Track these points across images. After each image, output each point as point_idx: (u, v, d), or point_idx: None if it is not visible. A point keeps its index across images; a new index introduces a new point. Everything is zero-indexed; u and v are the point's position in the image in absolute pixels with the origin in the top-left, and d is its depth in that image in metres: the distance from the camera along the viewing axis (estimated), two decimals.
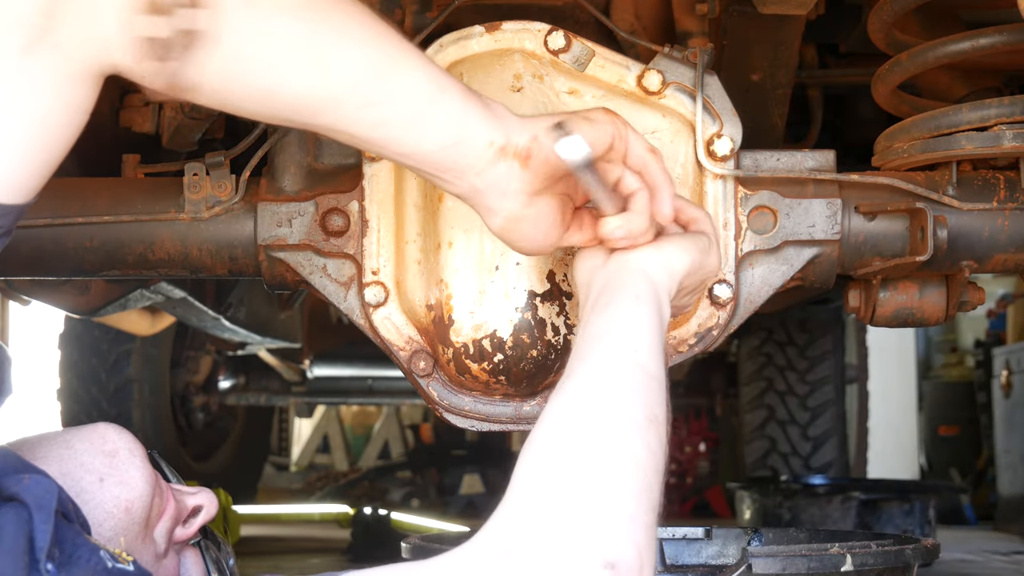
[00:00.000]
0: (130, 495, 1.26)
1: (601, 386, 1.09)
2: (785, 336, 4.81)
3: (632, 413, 1.07)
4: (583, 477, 1.02)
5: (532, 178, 1.16)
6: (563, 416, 1.08)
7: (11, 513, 0.99)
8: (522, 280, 1.65)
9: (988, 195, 1.74)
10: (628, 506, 1.02)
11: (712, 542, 2.03)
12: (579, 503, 1.01)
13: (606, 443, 1.04)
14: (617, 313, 1.15)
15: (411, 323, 1.72)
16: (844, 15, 2.12)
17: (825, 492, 4.19)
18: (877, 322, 1.88)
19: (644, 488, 1.04)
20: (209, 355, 5.14)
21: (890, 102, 1.88)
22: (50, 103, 0.95)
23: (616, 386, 1.09)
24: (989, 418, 6.42)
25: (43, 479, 1.05)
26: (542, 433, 1.08)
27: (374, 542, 4.41)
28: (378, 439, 9.66)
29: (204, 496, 1.39)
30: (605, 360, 1.11)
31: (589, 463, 1.03)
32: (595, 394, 1.09)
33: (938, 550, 1.80)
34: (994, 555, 4.74)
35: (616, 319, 1.15)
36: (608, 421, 1.06)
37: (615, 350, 1.12)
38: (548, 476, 1.04)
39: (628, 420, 1.07)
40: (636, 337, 1.13)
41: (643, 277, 1.18)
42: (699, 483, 7.04)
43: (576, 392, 1.10)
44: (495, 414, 1.73)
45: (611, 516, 1.01)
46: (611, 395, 1.08)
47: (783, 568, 1.61)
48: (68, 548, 1.01)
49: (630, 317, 1.15)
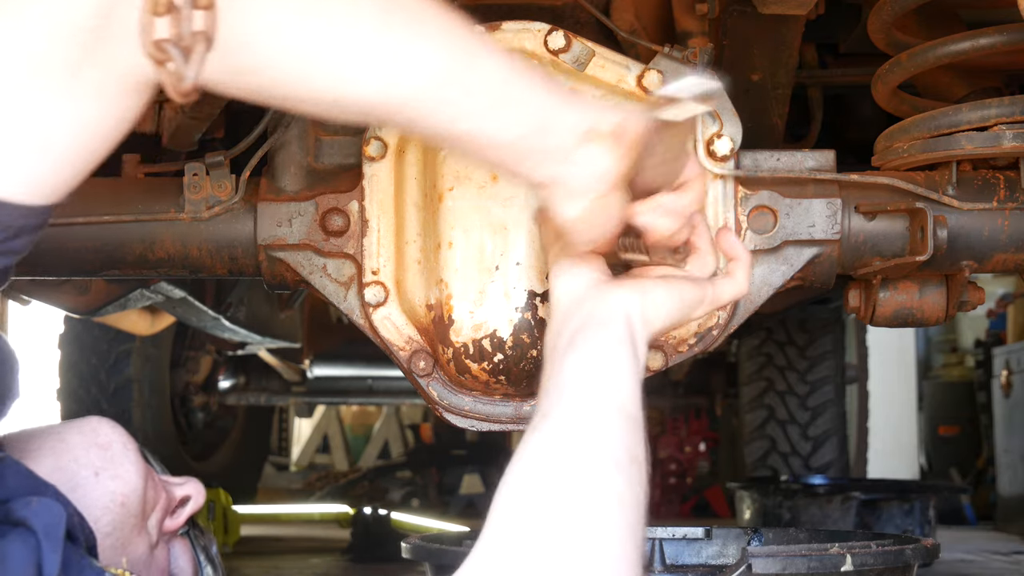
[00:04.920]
0: (125, 489, 1.26)
1: (582, 426, 1.06)
2: (785, 336, 4.81)
3: (614, 453, 1.04)
4: (567, 516, 0.99)
5: (622, 160, 1.11)
6: (543, 455, 1.04)
7: (19, 541, 0.98)
8: (522, 280, 1.65)
9: (988, 195, 1.74)
10: (614, 547, 0.99)
11: (712, 542, 2.03)
12: (564, 543, 0.98)
13: (589, 482, 1.01)
14: (596, 355, 1.11)
15: (411, 323, 1.72)
16: (844, 15, 2.12)
17: (825, 492, 4.19)
18: (877, 322, 1.88)
19: (628, 527, 1.01)
20: (209, 355, 5.14)
21: (890, 102, 1.88)
22: (95, 113, 0.94)
23: (597, 427, 1.06)
24: (989, 418, 6.42)
25: (52, 504, 1.03)
26: (521, 472, 1.04)
27: (374, 542, 4.40)
28: (378, 439, 9.66)
29: (192, 486, 1.39)
30: (585, 402, 1.08)
31: (573, 502, 1.00)
32: (576, 434, 1.05)
33: (938, 550, 1.80)
34: (994, 555, 4.74)
35: (595, 361, 1.11)
36: (591, 460, 1.03)
37: (595, 392, 1.09)
38: (531, 515, 1.00)
39: (610, 460, 1.04)
40: (616, 380, 1.10)
41: (623, 320, 1.14)
42: (699, 483, 7.04)
43: (556, 431, 1.06)
44: (495, 414, 1.73)
45: (598, 557, 0.98)
46: (592, 435, 1.05)
47: (783, 568, 1.60)
48: (74, 574, 1.01)
49: (610, 360, 1.11)
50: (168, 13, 0.83)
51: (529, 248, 1.65)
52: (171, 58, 0.82)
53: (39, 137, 0.92)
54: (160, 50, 0.82)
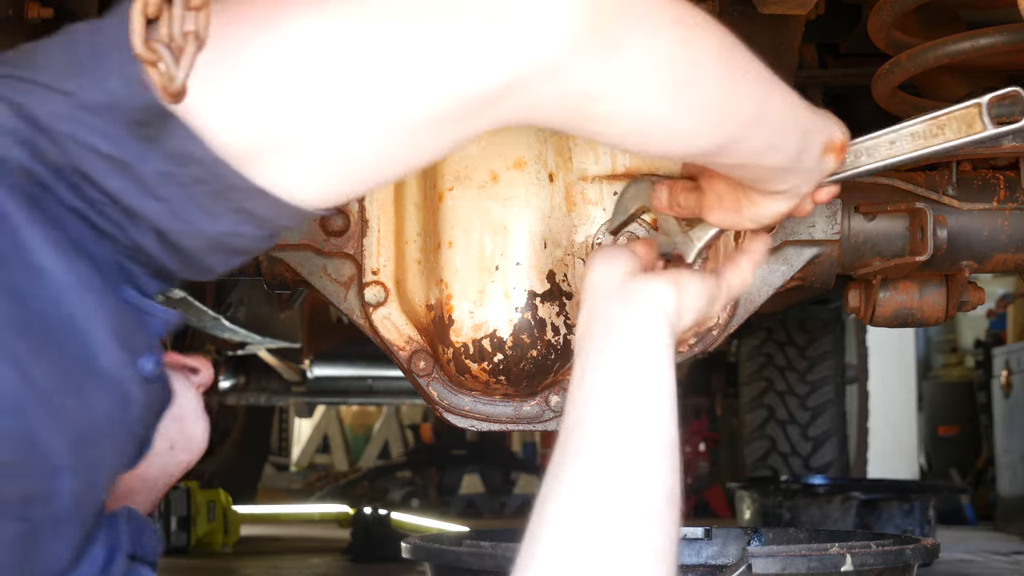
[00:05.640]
0: (191, 458, 1.24)
1: (624, 470, 0.98)
2: (785, 336, 4.80)
3: (655, 502, 0.98)
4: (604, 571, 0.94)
5: (836, 167, 1.14)
6: (581, 503, 0.97)
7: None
8: (522, 280, 1.65)
9: (988, 195, 1.74)
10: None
11: (712, 542, 2.04)
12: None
13: (628, 539, 0.95)
14: (639, 367, 1.02)
15: (411, 323, 1.72)
16: (844, 15, 2.12)
17: (825, 492, 4.19)
18: (877, 322, 1.88)
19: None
20: (209, 355, 5.14)
21: (890, 102, 1.88)
22: (411, 148, 0.91)
23: (639, 470, 0.98)
24: (989, 418, 6.42)
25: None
26: (557, 518, 0.97)
27: (374, 542, 4.41)
28: (378, 439, 9.67)
29: (200, 361, 1.33)
30: (626, 434, 1.00)
31: (609, 559, 0.94)
32: (617, 481, 0.97)
33: (938, 550, 1.80)
34: (994, 555, 4.74)
35: (638, 376, 1.02)
36: (631, 513, 0.97)
37: (640, 418, 1.00)
38: (566, 565, 0.95)
39: (651, 510, 0.97)
40: (661, 399, 1.01)
41: (664, 320, 1.06)
42: (699, 483, 7.04)
43: (594, 474, 0.98)
44: (495, 414, 1.73)
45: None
46: (634, 482, 0.98)
47: (783, 568, 1.61)
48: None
49: (654, 375, 1.02)
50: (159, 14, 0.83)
51: (529, 248, 1.65)
52: (162, 58, 0.82)
53: (347, 151, 0.89)
54: (151, 50, 0.82)
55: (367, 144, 0.89)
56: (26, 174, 0.86)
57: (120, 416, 0.88)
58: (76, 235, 0.87)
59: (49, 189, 0.87)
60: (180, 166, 0.86)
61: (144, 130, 0.85)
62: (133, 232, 0.89)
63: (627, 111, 0.92)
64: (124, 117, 0.85)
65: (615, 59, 0.87)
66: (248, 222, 0.90)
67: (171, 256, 0.91)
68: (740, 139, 1.01)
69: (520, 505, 7.16)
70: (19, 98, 0.86)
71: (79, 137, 0.85)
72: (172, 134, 0.85)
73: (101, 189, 0.87)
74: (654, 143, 0.98)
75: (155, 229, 0.89)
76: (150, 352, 0.90)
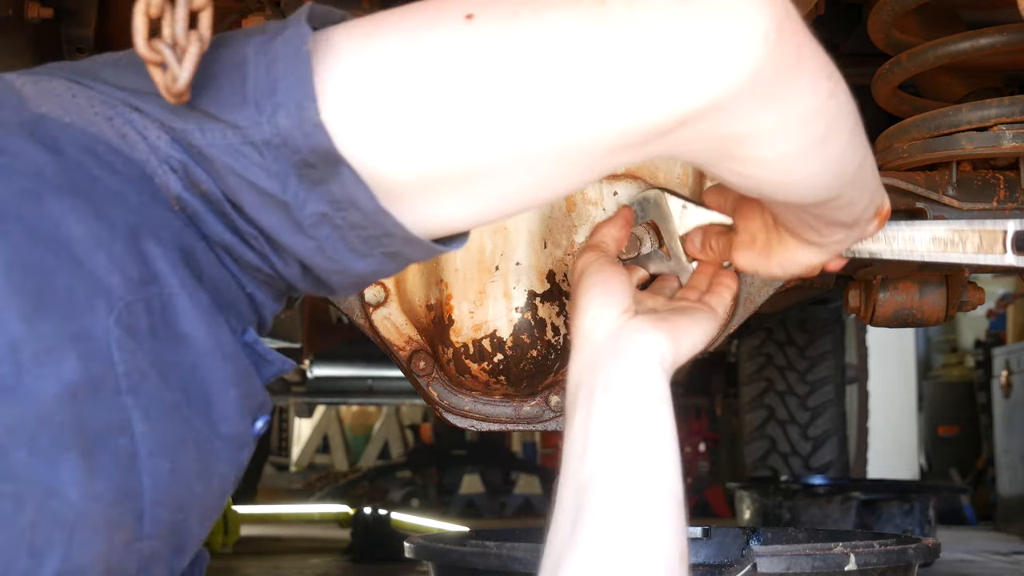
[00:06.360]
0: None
1: (635, 537, 0.97)
2: (785, 336, 4.81)
3: (668, 562, 0.98)
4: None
5: (875, 232, 1.15)
6: (595, 562, 0.96)
7: None
8: (522, 280, 1.65)
9: (988, 195, 1.74)
10: None
11: (711, 542, 2.03)
12: None
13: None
14: (641, 423, 1.02)
15: (411, 323, 1.72)
16: (844, 15, 2.12)
17: (825, 492, 4.19)
18: (877, 322, 1.88)
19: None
20: None
21: (890, 102, 1.88)
22: (569, 181, 0.90)
23: (650, 536, 0.98)
24: (989, 418, 6.43)
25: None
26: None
27: (374, 542, 4.41)
28: (378, 439, 9.67)
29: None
30: (635, 494, 0.99)
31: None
32: (629, 548, 0.97)
33: (939, 550, 1.81)
34: (994, 555, 4.75)
35: (641, 433, 1.01)
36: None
37: (647, 478, 0.99)
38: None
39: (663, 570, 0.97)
40: (665, 455, 1.01)
41: (659, 373, 1.05)
42: (699, 483, 7.04)
43: (606, 539, 0.97)
44: (495, 414, 1.73)
45: None
46: (646, 550, 0.97)
47: (788, 567, 1.61)
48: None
49: (657, 431, 1.02)
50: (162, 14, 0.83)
51: (529, 248, 1.65)
52: (165, 58, 0.82)
53: (507, 184, 0.88)
54: (154, 51, 0.82)
55: (529, 177, 0.88)
56: (178, 203, 0.84)
57: (232, 485, 0.88)
58: (217, 280, 0.86)
59: (198, 220, 0.85)
60: (339, 210, 0.85)
61: (310, 171, 0.83)
62: (279, 264, 0.88)
63: (771, 158, 0.91)
64: (293, 158, 0.83)
65: (776, 104, 0.87)
66: (395, 262, 0.91)
67: (310, 285, 0.91)
68: (842, 193, 1.01)
69: (520, 505, 7.17)
70: (177, 124, 0.84)
71: (240, 170, 0.84)
72: (339, 179, 0.84)
73: (252, 222, 0.86)
74: (784, 191, 0.97)
75: (301, 263, 0.88)
76: (264, 413, 0.89)
